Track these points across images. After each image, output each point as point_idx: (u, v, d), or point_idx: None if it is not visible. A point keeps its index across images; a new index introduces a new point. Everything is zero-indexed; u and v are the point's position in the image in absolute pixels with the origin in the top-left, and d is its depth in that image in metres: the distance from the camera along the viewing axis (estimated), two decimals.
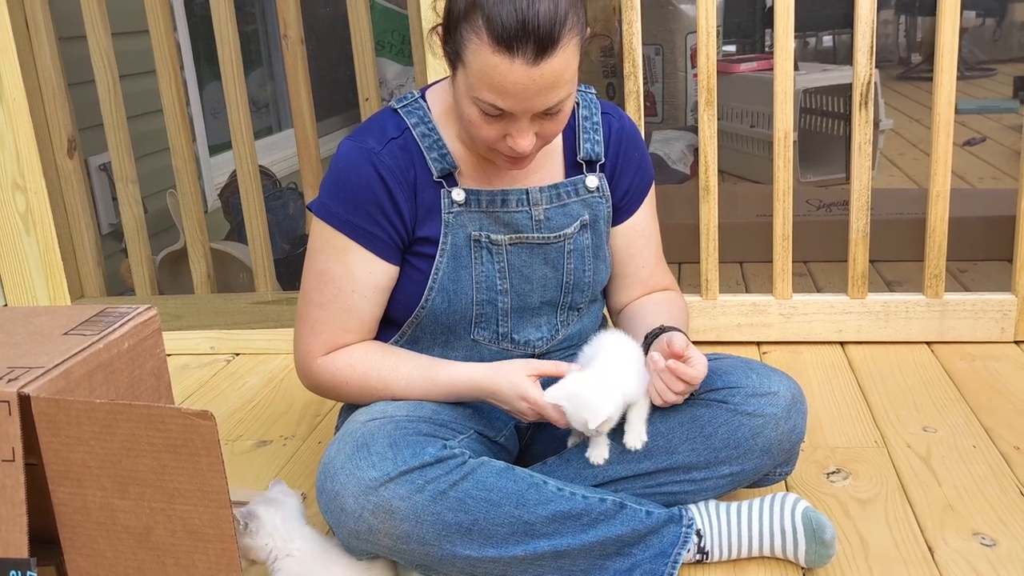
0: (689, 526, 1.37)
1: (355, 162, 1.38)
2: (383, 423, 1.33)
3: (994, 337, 2.17)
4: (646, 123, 2.52)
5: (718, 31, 3.97)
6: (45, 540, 1.22)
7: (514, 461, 1.50)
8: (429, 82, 1.56)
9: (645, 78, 4.07)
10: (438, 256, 1.40)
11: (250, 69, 4.24)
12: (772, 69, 2.11)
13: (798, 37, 6.27)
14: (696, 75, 2.16)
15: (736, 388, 1.39)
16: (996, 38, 7.07)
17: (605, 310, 1.63)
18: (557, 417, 1.31)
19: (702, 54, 2.09)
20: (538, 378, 1.35)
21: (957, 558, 1.40)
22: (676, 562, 1.34)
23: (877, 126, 3.58)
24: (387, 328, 1.47)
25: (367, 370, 1.42)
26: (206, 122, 3.59)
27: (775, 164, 2.14)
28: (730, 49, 5.18)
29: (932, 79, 2.07)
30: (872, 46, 2.06)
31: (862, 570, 1.39)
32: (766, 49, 5.00)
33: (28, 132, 2.31)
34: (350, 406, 1.50)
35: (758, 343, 2.25)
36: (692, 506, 1.41)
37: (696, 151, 2.24)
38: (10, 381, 1.18)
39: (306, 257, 1.44)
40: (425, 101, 1.43)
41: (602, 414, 1.27)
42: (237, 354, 2.40)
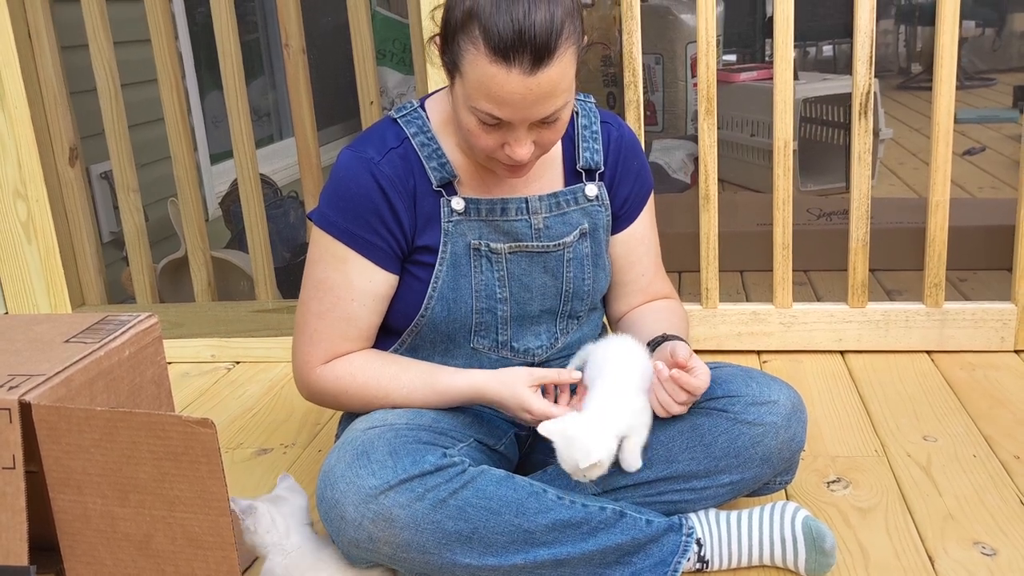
0: (689, 535, 1.37)
1: (355, 172, 1.38)
2: (383, 431, 1.33)
3: (994, 346, 2.17)
4: (646, 132, 2.53)
5: (718, 41, 3.98)
6: (45, 548, 1.22)
7: (514, 469, 1.50)
8: (430, 91, 1.57)
9: (645, 87, 4.08)
10: (437, 265, 1.41)
11: (251, 78, 4.25)
12: (772, 78, 2.11)
13: (798, 47, 6.29)
14: (696, 84, 2.16)
15: (736, 397, 1.40)
16: (995, 48, 7.09)
17: (604, 318, 1.64)
18: None
19: (702, 63, 2.10)
20: (539, 387, 1.35)
21: (958, 568, 1.40)
22: (676, 571, 1.34)
23: (877, 135, 3.58)
24: (387, 337, 1.47)
25: (367, 379, 1.42)
26: (207, 131, 3.60)
27: (775, 173, 2.15)
28: (730, 59, 5.19)
29: (932, 89, 2.08)
30: (871, 56, 2.06)
31: None
32: (766, 59, 5.02)
33: (30, 140, 2.32)
34: (350, 414, 1.50)
35: (758, 352, 2.25)
36: (692, 515, 1.41)
37: (696, 160, 2.25)
38: (11, 389, 1.18)
39: (305, 267, 1.45)
40: (424, 111, 1.44)
41: (592, 457, 1.26)
42: (238, 362, 2.40)
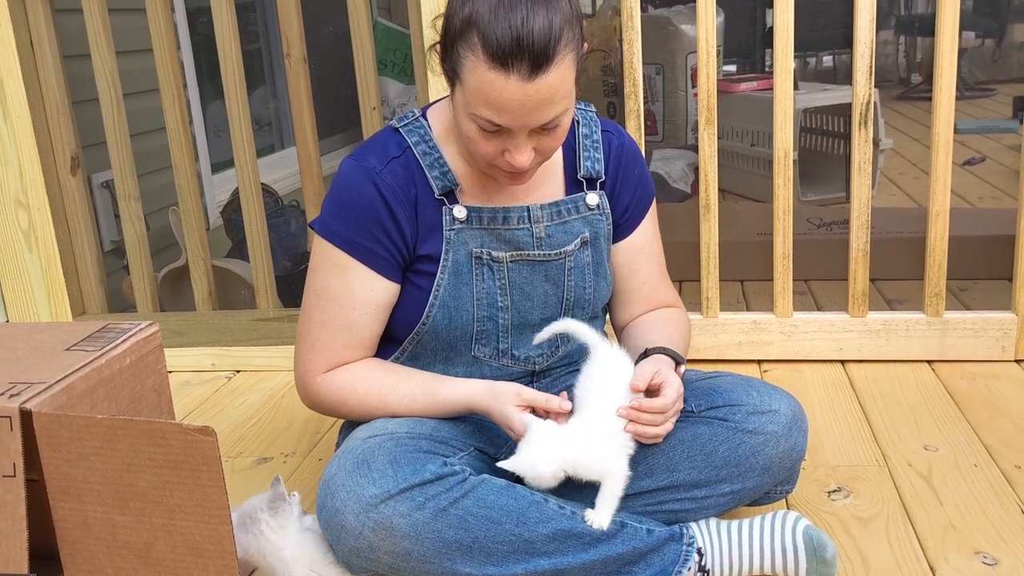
0: (690, 544, 1.36)
1: (356, 181, 1.39)
2: (384, 440, 1.33)
3: (995, 356, 2.17)
4: (647, 142, 2.53)
5: (718, 51, 3.99)
6: (45, 556, 1.22)
7: (515, 479, 1.50)
8: (431, 100, 1.57)
9: (646, 97, 4.09)
10: (439, 273, 1.41)
11: (253, 87, 4.26)
12: (772, 88, 2.12)
13: (798, 57, 6.30)
14: (696, 94, 2.17)
15: (737, 406, 1.40)
16: (995, 58, 7.10)
17: (608, 327, 1.63)
18: None
19: (702, 73, 2.11)
20: (527, 408, 1.35)
21: None
22: None
23: (877, 145, 3.59)
24: (388, 345, 1.47)
25: (367, 389, 1.42)
26: (208, 140, 3.61)
27: (775, 183, 2.15)
28: (730, 69, 5.19)
29: (932, 99, 2.08)
30: (871, 66, 2.07)
31: None
32: (766, 69, 5.03)
33: (32, 149, 2.32)
34: (351, 423, 1.50)
35: (759, 361, 2.25)
36: (693, 524, 1.40)
37: (697, 170, 2.25)
38: (12, 396, 1.19)
39: (308, 275, 1.45)
40: (426, 119, 1.44)
41: (530, 473, 1.28)
42: (238, 371, 2.40)
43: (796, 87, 3.64)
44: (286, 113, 4.39)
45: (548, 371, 1.51)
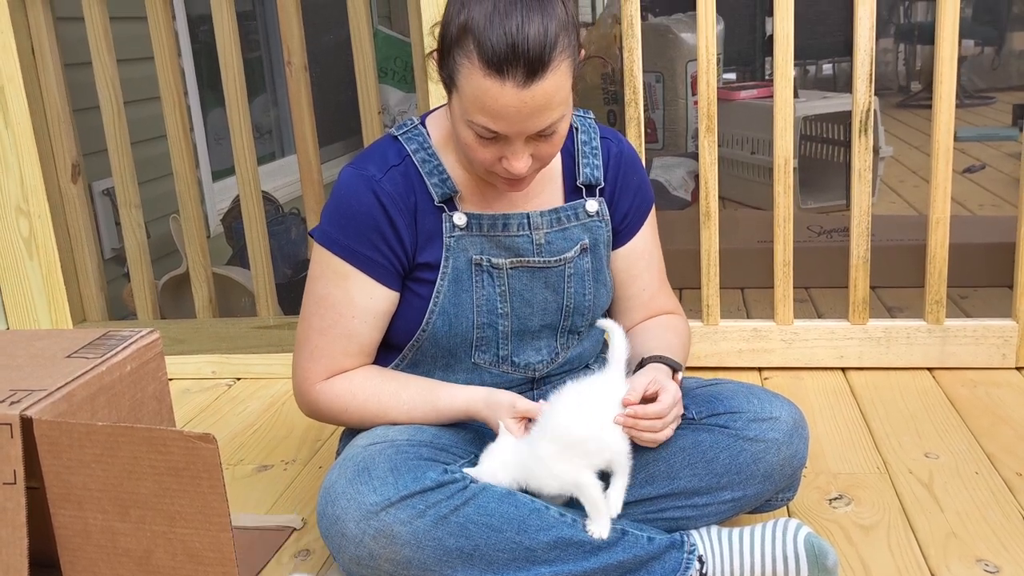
0: (691, 552, 1.36)
1: (356, 189, 1.39)
2: (384, 447, 1.33)
3: (995, 363, 2.17)
4: (647, 149, 2.53)
5: (718, 59, 4.00)
6: (46, 564, 1.21)
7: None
8: (431, 108, 1.57)
9: (646, 105, 4.09)
10: (439, 280, 1.41)
11: (254, 95, 4.27)
12: (772, 96, 2.12)
13: (798, 65, 6.31)
14: (696, 102, 2.17)
15: (737, 413, 1.40)
16: (995, 66, 7.11)
17: (607, 334, 1.63)
18: None
19: (702, 81, 2.11)
20: (522, 420, 1.35)
21: None
22: None
23: (877, 153, 3.59)
24: (388, 352, 1.47)
25: (367, 397, 1.42)
26: (209, 148, 3.61)
27: (775, 190, 2.15)
28: (730, 77, 5.20)
29: (931, 107, 2.09)
30: (871, 74, 2.07)
31: None
32: (766, 77, 5.04)
33: (33, 157, 2.33)
34: (351, 431, 1.50)
35: (759, 369, 2.25)
36: (694, 532, 1.40)
37: (697, 177, 2.25)
38: (12, 404, 1.18)
39: (307, 283, 1.45)
40: (425, 127, 1.44)
41: (491, 483, 1.31)
42: (238, 378, 2.40)
43: (796, 95, 3.64)
44: (287, 121, 4.40)
45: (548, 378, 1.51)
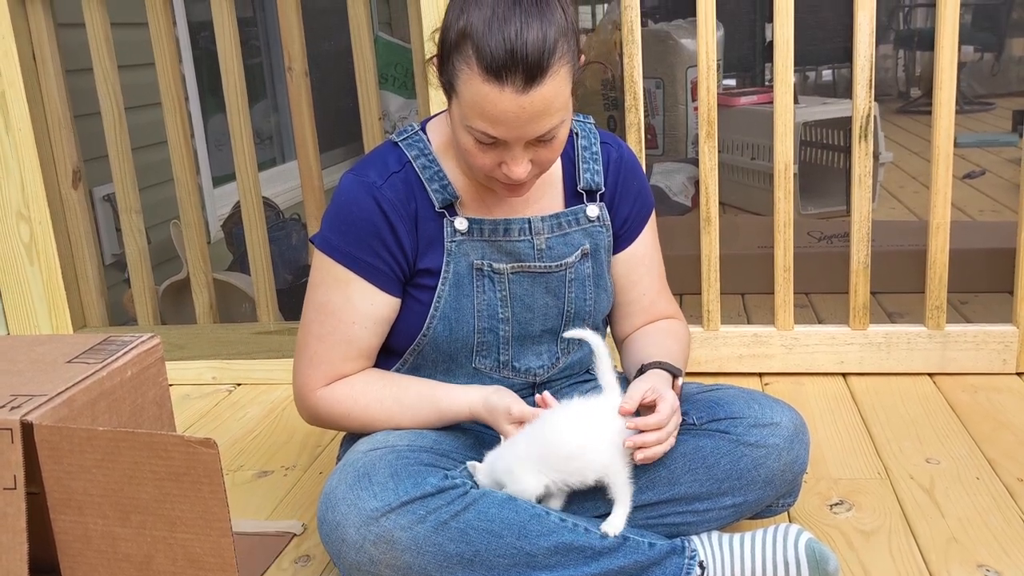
0: (692, 558, 1.36)
1: (356, 196, 1.39)
2: (384, 453, 1.33)
3: (996, 368, 2.17)
4: (647, 155, 2.53)
5: (718, 65, 4.00)
6: (46, 569, 1.21)
7: None
8: (431, 114, 1.57)
9: (646, 111, 4.10)
10: (440, 284, 1.41)
11: (254, 101, 4.27)
12: (772, 102, 2.13)
13: (798, 71, 6.31)
14: (697, 108, 2.17)
15: (738, 419, 1.39)
16: (995, 72, 7.12)
17: (609, 339, 1.63)
18: None
19: (703, 87, 2.11)
20: (519, 425, 1.35)
21: None
22: None
23: (877, 159, 3.59)
24: (388, 357, 1.47)
25: (368, 401, 1.42)
26: (210, 154, 3.62)
27: (776, 196, 2.15)
28: (730, 83, 5.21)
29: (931, 112, 2.09)
30: (871, 80, 2.08)
31: None
32: (766, 83, 5.04)
33: (34, 162, 2.33)
34: (352, 436, 1.50)
35: (760, 374, 2.25)
36: (695, 537, 1.40)
37: (697, 183, 2.25)
38: (13, 409, 1.18)
39: (307, 289, 1.45)
40: (425, 133, 1.45)
41: (485, 481, 1.34)
42: (238, 384, 2.40)
43: (796, 101, 3.64)
44: (287, 127, 4.40)
45: (549, 383, 1.51)
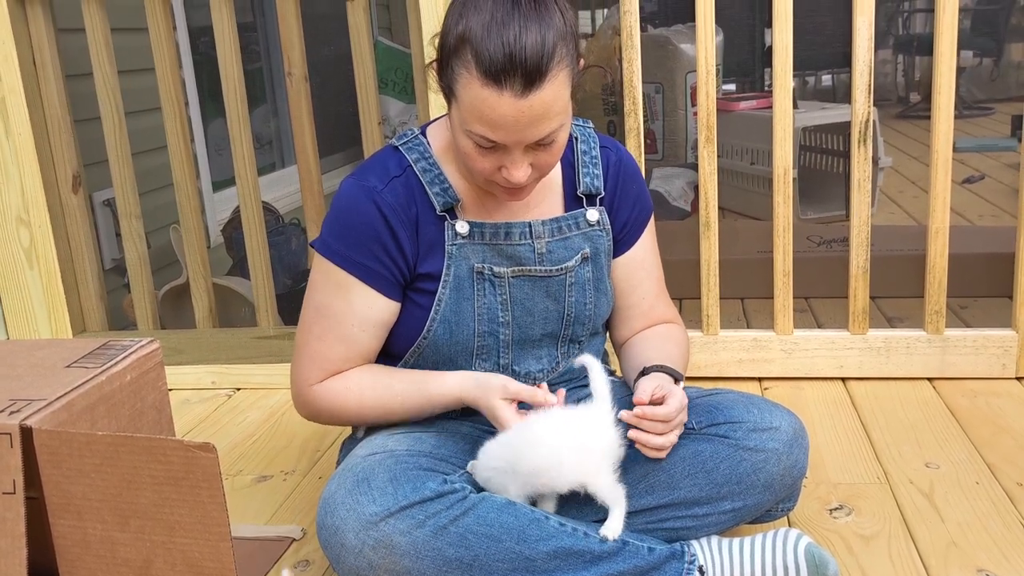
0: (691, 562, 1.36)
1: (357, 200, 1.39)
2: (384, 458, 1.33)
3: (995, 373, 2.17)
4: (647, 160, 2.54)
5: (718, 70, 4.01)
6: (45, 574, 1.21)
7: None
8: (431, 118, 1.58)
9: (645, 116, 4.10)
10: (440, 287, 1.41)
11: (254, 106, 4.28)
12: (771, 107, 2.13)
13: (797, 76, 6.32)
14: (696, 113, 2.18)
15: (737, 423, 1.39)
16: (994, 77, 7.13)
17: (608, 344, 1.64)
18: None
19: (702, 92, 2.12)
20: (513, 402, 1.35)
21: None
22: None
23: (876, 164, 3.60)
24: (387, 359, 1.47)
25: (362, 391, 1.43)
26: (210, 158, 3.62)
27: (775, 201, 2.15)
28: (730, 87, 5.22)
29: (930, 117, 2.09)
30: (870, 85, 2.08)
31: None
32: (765, 87, 5.05)
33: (33, 167, 2.33)
34: (351, 441, 1.50)
35: (759, 379, 2.25)
36: (694, 542, 1.40)
37: (696, 188, 2.25)
38: (12, 413, 1.18)
39: (306, 293, 1.45)
40: (425, 137, 1.45)
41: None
42: (238, 389, 2.39)
43: (795, 106, 3.65)
44: (287, 131, 4.41)
45: (548, 387, 1.51)
